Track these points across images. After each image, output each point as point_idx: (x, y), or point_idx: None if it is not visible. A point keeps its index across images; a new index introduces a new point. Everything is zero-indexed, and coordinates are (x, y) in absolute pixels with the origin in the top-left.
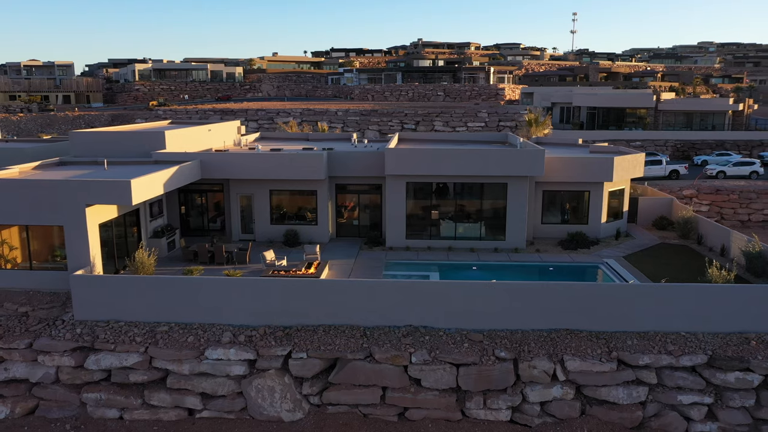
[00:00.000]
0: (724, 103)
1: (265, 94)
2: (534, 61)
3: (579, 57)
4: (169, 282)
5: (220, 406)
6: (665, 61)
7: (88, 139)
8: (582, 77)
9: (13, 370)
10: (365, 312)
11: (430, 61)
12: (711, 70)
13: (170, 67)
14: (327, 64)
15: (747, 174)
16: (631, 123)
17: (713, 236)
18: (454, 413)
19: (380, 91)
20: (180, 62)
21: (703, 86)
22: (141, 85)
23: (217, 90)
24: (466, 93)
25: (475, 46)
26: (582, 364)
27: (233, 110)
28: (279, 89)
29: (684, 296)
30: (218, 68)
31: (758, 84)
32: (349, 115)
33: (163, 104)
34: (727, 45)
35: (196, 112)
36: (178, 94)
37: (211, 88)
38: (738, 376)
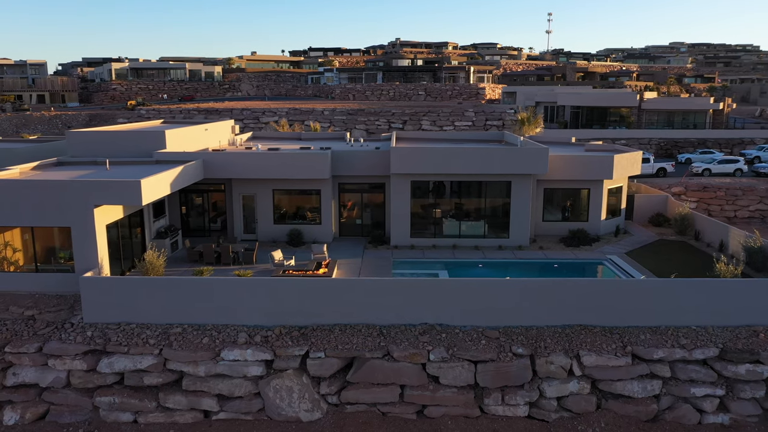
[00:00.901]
0: (705, 102)
1: (244, 94)
2: (512, 61)
3: (555, 57)
4: (183, 283)
5: (237, 408)
6: (639, 61)
7: (86, 139)
8: (559, 77)
9: (22, 375)
10: (381, 311)
11: (408, 61)
12: (684, 70)
13: (147, 66)
14: (306, 64)
15: (731, 171)
16: (613, 122)
17: (710, 232)
18: (473, 410)
19: (361, 91)
20: (156, 61)
21: (676, 86)
22: (118, 84)
23: (196, 89)
24: (447, 92)
25: (452, 45)
26: (598, 359)
27: (218, 110)
28: (258, 88)
29: (695, 291)
30: (197, 67)
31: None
32: (335, 114)
33: (142, 104)
34: (698, 45)
35: (180, 112)
36: (156, 93)
37: (190, 87)
38: (748, 368)
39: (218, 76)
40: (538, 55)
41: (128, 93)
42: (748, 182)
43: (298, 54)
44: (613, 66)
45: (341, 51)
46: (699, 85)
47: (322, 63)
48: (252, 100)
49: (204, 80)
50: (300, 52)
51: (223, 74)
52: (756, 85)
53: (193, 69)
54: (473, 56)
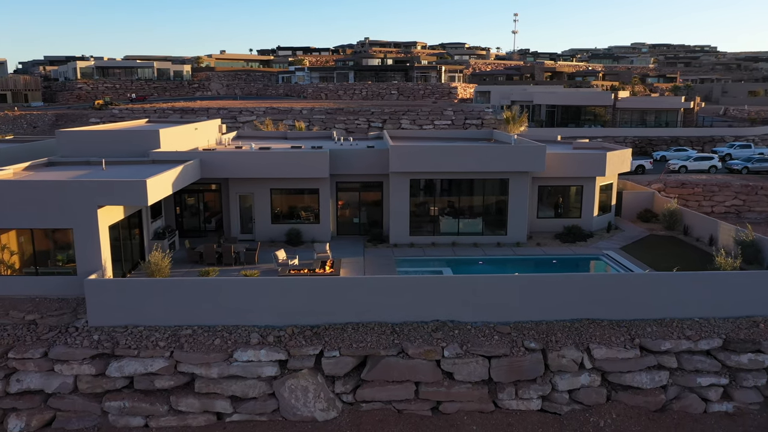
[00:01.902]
0: (677, 102)
1: (214, 93)
2: (480, 61)
3: (523, 57)
4: (192, 284)
5: (251, 409)
6: (603, 61)
7: (77, 139)
8: (528, 76)
9: (27, 381)
10: (393, 308)
11: (379, 60)
12: (646, 70)
13: (114, 65)
14: (276, 63)
15: (707, 168)
16: (587, 120)
17: (699, 227)
18: (487, 405)
19: (334, 90)
20: (122, 60)
21: (640, 85)
22: (84, 83)
23: (164, 89)
24: (420, 92)
25: (421, 45)
26: (608, 352)
27: (193, 109)
28: (228, 88)
29: (698, 284)
30: (165, 66)
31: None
32: (314, 113)
33: (110, 103)
34: (658, 46)
35: (154, 111)
36: (124, 92)
37: (158, 86)
38: (750, 357)
39: (187, 75)
40: (505, 55)
41: (95, 92)
42: (723, 179)
43: (267, 53)
44: (579, 66)
45: (310, 50)
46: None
47: (293, 62)
48: (223, 99)
49: (173, 79)
50: (268, 51)
51: (192, 73)
52: (717, 85)
53: (162, 68)
54: (442, 56)
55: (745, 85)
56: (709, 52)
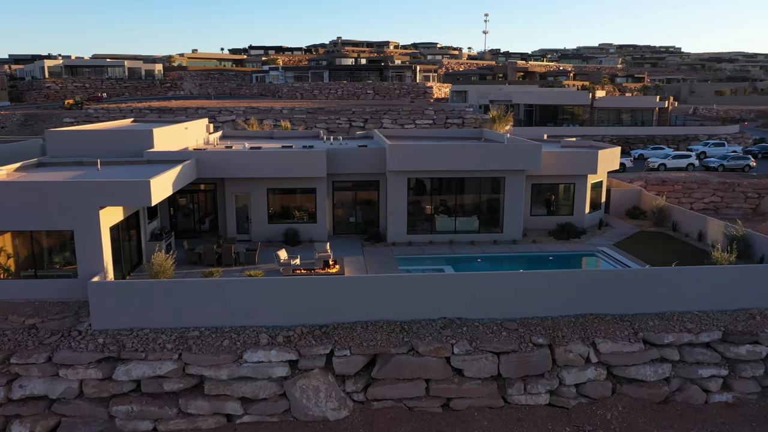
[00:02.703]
0: (652, 101)
1: (187, 92)
2: (453, 60)
3: (495, 57)
4: (198, 285)
5: (262, 410)
6: (573, 61)
7: (68, 139)
8: (501, 76)
9: (30, 387)
10: (401, 306)
11: (352, 60)
12: (615, 70)
13: (84, 63)
14: (249, 62)
15: (684, 166)
16: (565, 119)
17: (687, 223)
18: (497, 400)
19: (309, 90)
20: (90, 58)
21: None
22: (52, 82)
23: (136, 88)
24: (395, 91)
25: (394, 45)
26: (613, 346)
27: (171, 108)
28: (201, 87)
29: (698, 278)
30: (136, 65)
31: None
32: (294, 113)
33: (80, 103)
34: (625, 46)
35: (130, 111)
36: (94, 92)
37: (129, 86)
38: (749, 348)
39: (159, 74)
40: (477, 55)
41: (63, 92)
42: (701, 176)
43: (238, 52)
44: (550, 66)
45: (282, 49)
46: (630, 85)
47: (266, 62)
48: (198, 98)
49: (144, 78)
50: (240, 51)
51: (164, 72)
52: (685, 85)
53: (132, 67)
54: (415, 56)
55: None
56: (674, 53)
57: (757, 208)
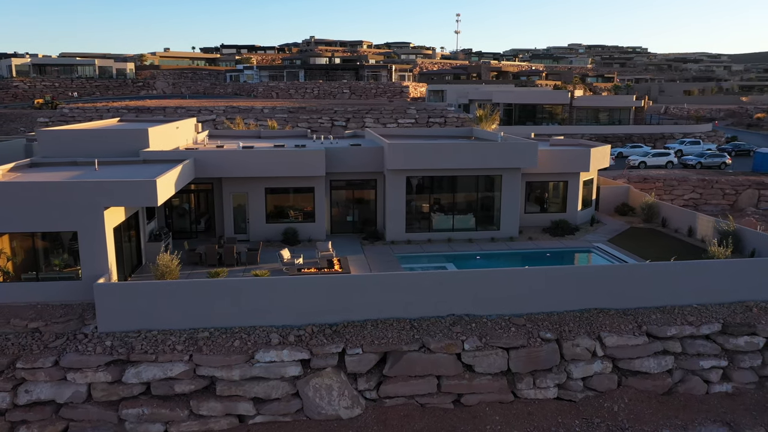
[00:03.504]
0: (629, 100)
1: (160, 92)
2: (427, 60)
3: (468, 56)
4: (208, 285)
5: (274, 410)
6: (544, 61)
7: (61, 139)
8: (475, 76)
9: (37, 392)
10: (410, 304)
11: (326, 59)
12: (585, 70)
13: (53, 62)
14: (223, 61)
15: (664, 164)
16: (543, 118)
17: (676, 219)
18: (507, 395)
19: (285, 89)
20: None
21: (581, 85)
22: (20, 81)
23: (107, 87)
24: (372, 90)
25: (367, 44)
26: (619, 340)
27: (149, 108)
28: (175, 86)
29: (697, 272)
30: (107, 64)
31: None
32: (276, 112)
33: (51, 102)
34: (594, 47)
35: (107, 110)
36: (64, 91)
37: (101, 85)
38: (747, 340)
39: (131, 73)
40: (450, 55)
41: (32, 91)
42: (681, 173)
43: (210, 51)
44: (522, 66)
45: (255, 48)
46: (601, 84)
47: (240, 60)
48: (172, 98)
49: (116, 77)
50: (212, 49)
51: (135, 71)
52: (655, 85)
53: (103, 65)
54: (389, 55)
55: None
56: (641, 53)
57: (734, 204)
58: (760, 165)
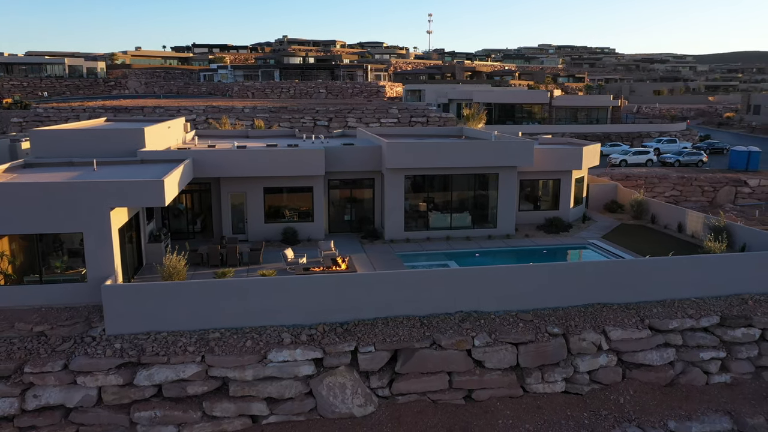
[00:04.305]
0: (606, 100)
1: (132, 91)
2: (401, 60)
3: (441, 56)
4: (218, 286)
5: (288, 410)
6: (516, 61)
7: (55, 139)
8: (449, 76)
9: (45, 397)
10: (420, 302)
11: (300, 59)
12: (556, 70)
13: (20, 61)
14: (196, 60)
15: (644, 162)
16: (523, 118)
17: (665, 215)
18: (516, 390)
19: (260, 89)
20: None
21: (553, 84)
22: None
23: (77, 87)
24: (348, 90)
25: (341, 44)
26: (623, 333)
27: (127, 108)
28: (147, 86)
29: (696, 266)
30: (77, 63)
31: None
32: (257, 112)
33: (20, 102)
34: (564, 47)
35: (83, 110)
36: (33, 90)
37: (71, 84)
38: (743, 331)
39: (102, 72)
40: (423, 54)
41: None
42: (661, 171)
43: (182, 50)
44: (495, 66)
45: (227, 48)
46: (572, 84)
47: (213, 60)
48: (145, 97)
49: (86, 77)
50: (183, 48)
51: (107, 70)
52: (626, 85)
53: (73, 64)
54: (363, 55)
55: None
56: (609, 54)
57: (713, 200)
58: (736, 162)
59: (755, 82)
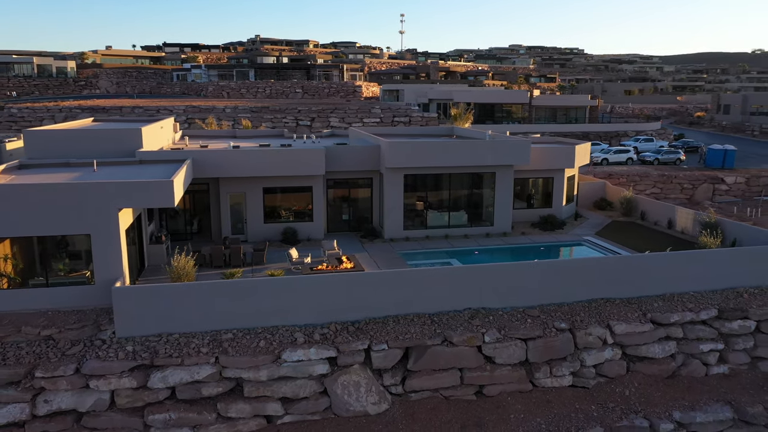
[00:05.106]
0: (585, 100)
1: (103, 91)
2: (375, 60)
3: (415, 56)
4: (229, 286)
5: (303, 409)
6: (488, 61)
7: (49, 139)
8: (424, 75)
9: (57, 401)
10: (430, 299)
11: (274, 58)
12: (528, 70)
13: None
14: (168, 60)
15: (624, 160)
16: (502, 117)
17: (655, 212)
18: (526, 384)
19: (236, 89)
20: None
21: (525, 84)
22: None
23: (47, 86)
24: (324, 90)
25: (314, 44)
26: (627, 327)
27: (105, 108)
28: (119, 86)
29: (693, 261)
30: (46, 62)
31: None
32: (238, 112)
33: None
34: (534, 48)
35: (59, 110)
36: (1, 90)
37: (40, 84)
38: (740, 323)
39: (72, 71)
40: (396, 54)
41: None
42: (642, 169)
43: (153, 49)
44: (468, 66)
45: (199, 47)
46: (544, 84)
47: (186, 59)
48: (118, 97)
49: (56, 76)
50: (154, 47)
51: (77, 70)
52: (598, 85)
53: (42, 63)
54: (337, 55)
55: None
56: (578, 54)
57: (691, 197)
58: (712, 160)
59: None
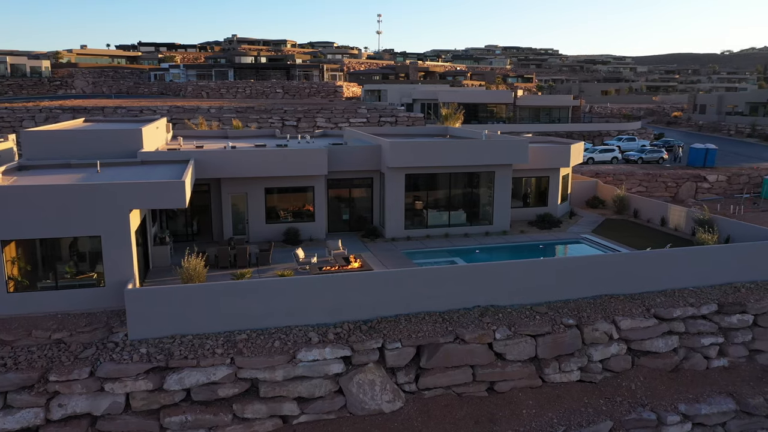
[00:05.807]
0: (567, 100)
1: (79, 91)
2: (354, 60)
3: (393, 57)
4: (242, 287)
5: (319, 408)
6: (465, 61)
7: (49, 140)
8: (403, 76)
9: (71, 405)
10: (441, 298)
11: (252, 58)
12: (505, 70)
13: None
14: (145, 59)
15: (609, 159)
16: (486, 117)
17: (648, 210)
18: (535, 380)
19: (215, 89)
20: None
21: (503, 85)
22: None
23: (21, 86)
24: (305, 90)
25: (291, 43)
26: (632, 323)
27: (86, 108)
28: (95, 85)
29: (692, 257)
30: (20, 61)
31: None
32: (223, 112)
33: None
34: (510, 48)
35: (39, 110)
36: None
37: (13, 83)
38: (738, 317)
39: (47, 71)
40: (374, 55)
41: None
42: (627, 168)
43: (128, 48)
44: (447, 66)
45: (175, 46)
46: (521, 85)
47: (163, 59)
48: (95, 97)
49: (30, 76)
50: (129, 47)
51: (51, 69)
52: (575, 85)
53: (16, 63)
54: (316, 55)
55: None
56: (553, 55)
57: (675, 195)
58: (695, 159)
59: (691, 82)
